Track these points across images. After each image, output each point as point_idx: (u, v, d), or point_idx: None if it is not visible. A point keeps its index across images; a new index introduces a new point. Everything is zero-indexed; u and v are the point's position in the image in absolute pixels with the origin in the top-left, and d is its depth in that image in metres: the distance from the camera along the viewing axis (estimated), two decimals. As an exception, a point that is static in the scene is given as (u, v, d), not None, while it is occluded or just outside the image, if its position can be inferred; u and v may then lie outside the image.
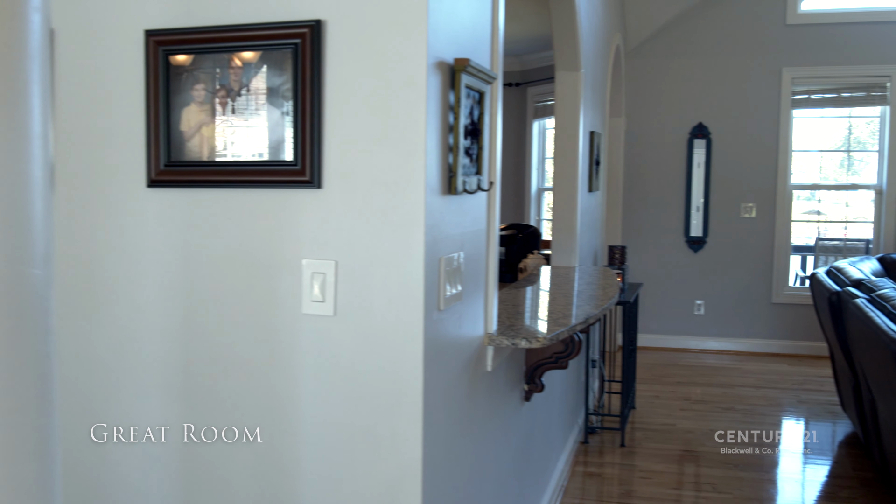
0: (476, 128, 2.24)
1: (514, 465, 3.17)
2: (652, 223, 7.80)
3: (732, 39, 7.56)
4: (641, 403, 5.93)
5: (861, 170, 7.73)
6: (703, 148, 7.64)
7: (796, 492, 4.54)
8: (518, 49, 8.78)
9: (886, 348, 3.28)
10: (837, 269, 5.01)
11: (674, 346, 7.79)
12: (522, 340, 2.52)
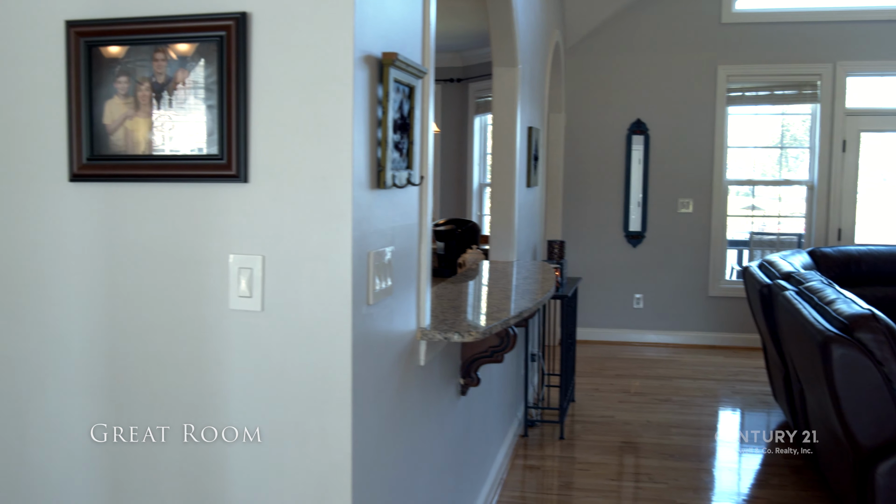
0: (406, 122, 2.24)
1: (450, 460, 3.18)
2: (592, 218, 7.89)
3: (669, 37, 7.68)
4: (581, 396, 5.99)
5: (796, 166, 7.91)
6: (642, 144, 7.75)
7: (731, 480, 4.63)
8: (459, 45, 8.80)
9: (812, 339, 3.37)
10: (769, 262, 5.12)
11: (614, 340, 7.89)
12: (455, 335, 2.53)
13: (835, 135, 7.51)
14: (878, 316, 3.27)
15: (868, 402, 3.18)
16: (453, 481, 3.25)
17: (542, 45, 5.80)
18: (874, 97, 7.61)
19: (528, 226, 5.23)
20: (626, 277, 7.88)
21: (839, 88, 7.48)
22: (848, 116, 7.52)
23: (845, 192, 7.56)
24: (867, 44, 7.43)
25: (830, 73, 7.48)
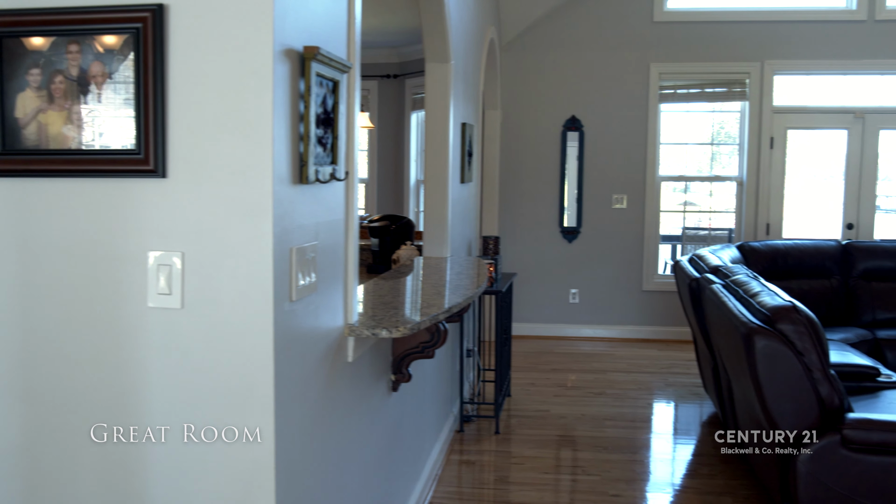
0: (330, 117, 2.22)
1: (382, 456, 3.17)
2: (528, 214, 7.94)
3: (603, 35, 7.77)
4: (517, 391, 6.03)
5: (727, 163, 8.07)
6: (577, 140, 7.83)
7: (662, 471, 4.72)
8: (395, 41, 8.77)
9: (736, 331, 3.45)
10: (698, 256, 5.22)
11: (550, 335, 7.96)
12: (383, 331, 2.52)
13: (763, 132, 7.69)
14: (799, 308, 3.36)
15: (789, 392, 3.26)
16: (385, 478, 3.25)
17: (476, 41, 5.82)
18: (800, 95, 7.81)
19: (462, 222, 5.24)
20: (562, 272, 7.95)
21: (767, 87, 7.65)
22: (775, 114, 7.70)
23: (773, 187, 7.75)
24: (793, 43, 7.62)
25: (758, 71, 7.65)
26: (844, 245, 6.51)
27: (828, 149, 7.88)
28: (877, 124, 7.65)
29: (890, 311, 6.18)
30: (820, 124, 7.82)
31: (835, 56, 7.61)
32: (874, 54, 7.56)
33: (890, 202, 8.89)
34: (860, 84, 7.73)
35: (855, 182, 7.70)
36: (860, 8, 7.53)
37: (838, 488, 3.24)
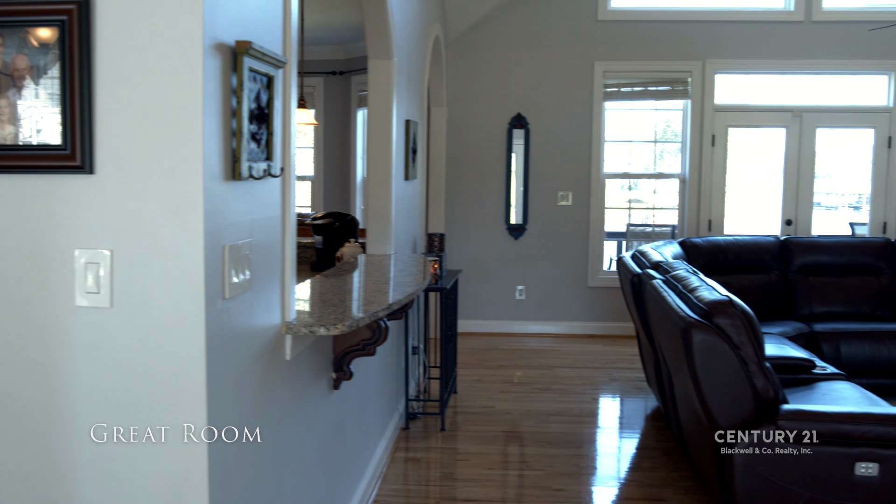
0: (264, 113, 2.19)
1: (323, 455, 3.15)
2: (474, 211, 7.96)
3: (548, 33, 7.82)
4: (463, 388, 6.04)
5: (670, 160, 8.18)
6: (522, 138, 7.87)
7: (606, 464, 4.76)
8: (341, 37, 8.73)
9: (675, 325, 3.50)
10: (641, 252, 5.29)
11: (497, 331, 7.99)
12: (321, 328, 2.50)
13: (705, 130, 7.82)
14: (735, 302, 3.42)
15: (726, 385, 3.32)
16: (327, 476, 3.23)
17: (420, 37, 5.81)
18: (741, 94, 7.96)
19: (406, 219, 5.23)
20: (509, 269, 7.99)
21: (708, 85, 7.78)
22: (717, 112, 7.83)
23: (715, 184, 7.88)
24: (734, 43, 7.76)
25: (700, 70, 7.77)
26: (783, 241, 6.65)
27: (767, 146, 8.04)
28: (814, 123, 7.82)
29: (826, 304, 6.33)
30: (760, 122, 7.98)
31: (774, 56, 7.76)
32: (811, 54, 7.73)
33: (831, 199, 9.11)
34: (798, 83, 7.91)
35: (793, 179, 7.87)
36: (798, 9, 7.70)
37: (774, 479, 3.30)
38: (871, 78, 7.88)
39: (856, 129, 7.93)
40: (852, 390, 4.16)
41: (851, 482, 3.28)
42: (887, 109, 7.77)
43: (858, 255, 6.55)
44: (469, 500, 4.13)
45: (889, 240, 6.66)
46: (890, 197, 7.82)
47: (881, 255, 6.52)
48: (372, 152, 4.58)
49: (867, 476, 3.27)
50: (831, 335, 5.84)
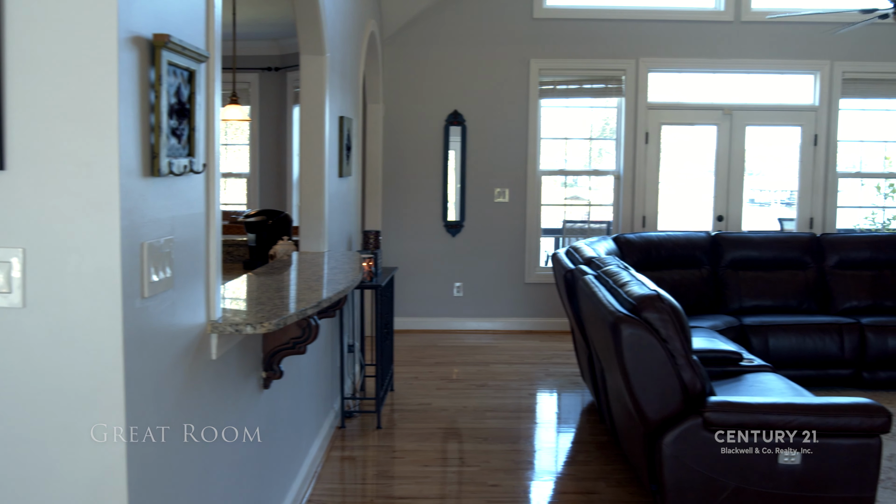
0: (185, 108, 2.15)
1: (253, 455, 3.11)
2: (412, 208, 7.95)
3: (484, 30, 7.85)
4: (400, 385, 6.03)
5: (606, 157, 8.27)
6: (459, 135, 7.88)
7: (540, 459, 4.79)
8: (276, 33, 8.62)
9: (605, 320, 3.54)
10: (574, 248, 5.34)
11: (434, 328, 8.00)
12: (248, 327, 2.47)
13: (638, 127, 7.93)
14: (663, 296, 3.48)
15: (654, 378, 3.37)
16: (258, 477, 3.19)
17: (354, 33, 5.78)
18: (673, 92, 8.09)
19: (340, 216, 5.20)
20: (446, 266, 8.00)
21: (642, 83, 7.89)
22: (650, 110, 7.95)
23: (649, 181, 8.00)
24: (666, 42, 7.89)
25: (633, 68, 7.88)
26: (713, 236, 6.78)
27: (699, 144, 8.19)
28: (744, 120, 8.00)
29: (755, 298, 6.48)
30: (691, 120, 8.12)
31: (705, 55, 7.91)
32: (741, 53, 7.90)
33: (764, 196, 9.34)
34: (728, 82, 8.07)
35: (724, 175, 8.04)
36: (727, 9, 7.86)
37: (700, 469, 3.37)
38: (798, 77, 8.08)
39: (784, 126, 8.13)
40: (778, 381, 4.27)
41: (775, 471, 3.36)
42: (813, 108, 7.99)
43: (786, 250, 6.72)
44: (405, 497, 4.12)
45: (814, 235, 6.85)
46: (816, 193, 8.04)
47: (807, 250, 6.70)
48: (304, 149, 4.54)
49: (790, 465, 3.36)
50: (760, 328, 5.98)
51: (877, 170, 8.38)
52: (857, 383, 6.02)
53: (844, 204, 8.31)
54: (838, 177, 8.08)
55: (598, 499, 4.12)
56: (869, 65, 7.92)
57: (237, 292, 3.17)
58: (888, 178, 8.47)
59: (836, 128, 7.98)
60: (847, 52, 7.88)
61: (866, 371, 6.00)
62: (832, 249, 6.71)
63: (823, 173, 8.02)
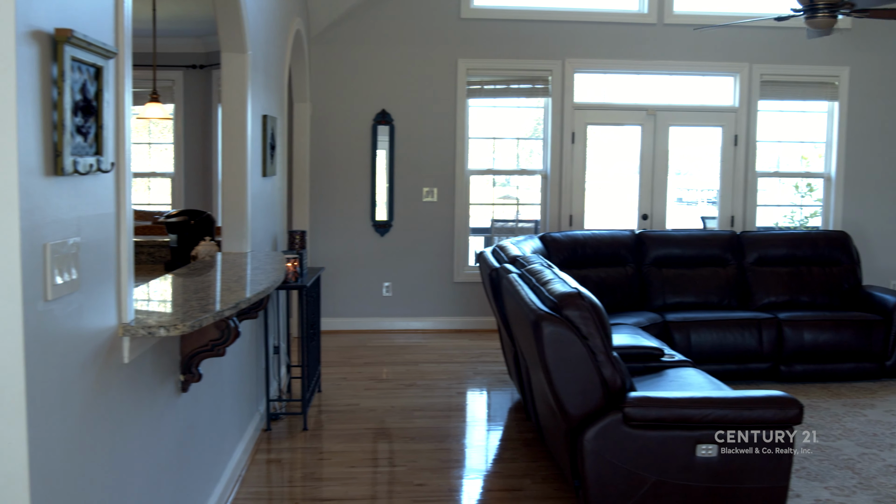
0: (92, 105, 2.09)
1: (172, 460, 3.05)
2: (340, 208, 7.90)
3: (412, 30, 7.84)
4: (328, 386, 5.99)
5: (533, 157, 8.34)
6: (387, 134, 7.86)
7: (467, 457, 4.80)
8: (200, 30, 8.47)
9: (527, 318, 3.57)
10: (500, 247, 5.37)
11: (363, 328, 7.96)
12: (161, 329, 2.42)
13: (565, 127, 8.02)
14: (584, 294, 3.52)
15: (575, 375, 3.41)
16: (177, 481, 3.12)
17: (279, 31, 5.71)
18: (598, 93, 8.21)
19: (265, 216, 5.13)
20: (375, 266, 7.98)
21: (568, 84, 7.99)
22: (576, 110, 8.05)
23: (575, 181, 8.10)
24: (591, 43, 7.99)
25: (560, 69, 7.97)
26: (638, 235, 6.90)
27: (625, 144, 8.33)
28: (667, 121, 8.16)
29: (678, 295, 6.61)
30: (617, 120, 8.25)
31: (629, 56, 8.05)
32: (664, 55, 8.05)
33: (692, 195, 9.54)
34: (652, 83, 8.23)
35: (649, 175, 8.19)
36: (651, 12, 8.01)
37: (621, 464, 3.42)
38: (719, 79, 8.28)
39: (706, 127, 8.33)
40: (698, 376, 4.36)
41: (693, 464, 3.44)
42: (733, 109, 8.19)
43: (707, 247, 6.87)
44: (332, 499, 4.09)
45: (735, 233, 7.03)
46: (737, 192, 8.24)
47: (728, 248, 6.87)
48: (226, 148, 4.47)
49: (707, 457, 3.44)
50: (682, 324, 6.11)
51: (794, 169, 8.64)
52: (775, 376, 6.19)
53: (765, 202, 8.55)
54: (758, 176, 8.31)
55: (523, 495, 4.15)
56: (785, 67, 8.16)
57: (154, 294, 3.10)
58: (805, 177, 8.74)
59: (755, 128, 8.20)
60: (764, 55, 8.10)
61: (783, 364, 6.18)
62: (751, 247, 6.89)
63: (743, 173, 8.23)
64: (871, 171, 8.35)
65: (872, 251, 8.26)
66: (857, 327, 6.23)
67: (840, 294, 6.76)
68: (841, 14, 5.45)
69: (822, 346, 6.17)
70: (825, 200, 8.49)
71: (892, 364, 6.24)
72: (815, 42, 7.77)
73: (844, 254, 6.92)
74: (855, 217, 8.34)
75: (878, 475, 4.36)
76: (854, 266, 6.89)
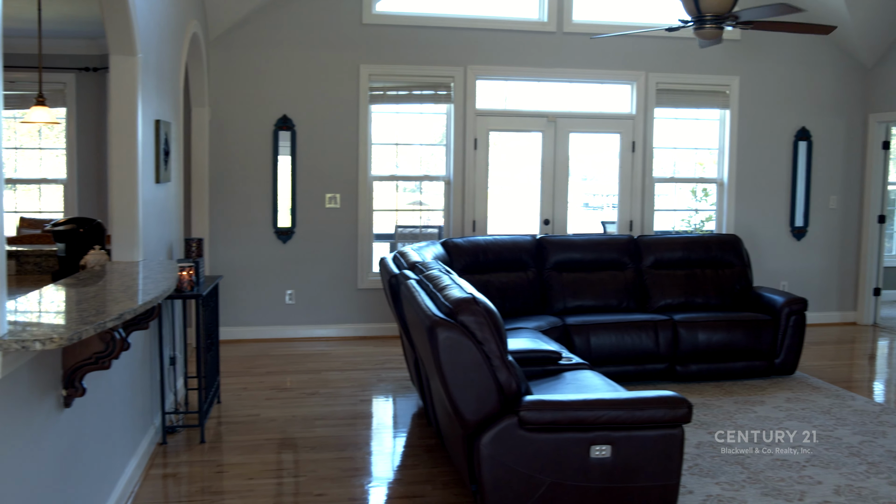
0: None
1: (55, 479, 2.93)
2: (241, 215, 7.76)
3: (313, 34, 7.77)
4: (228, 397, 5.87)
5: (437, 162, 8.36)
6: (289, 140, 7.77)
7: (369, 465, 4.77)
8: (93, 31, 8.21)
9: (422, 324, 3.57)
10: (401, 253, 5.36)
11: (266, 337, 7.84)
12: (37, 343, 2.31)
13: (467, 133, 8.08)
14: (479, 299, 3.54)
15: (470, 380, 3.42)
16: (61, 501, 3.00)
17: (174, 34, 5.57)
18: (500, 99, 8.30)
19: (158, 224, 4.99)
20: (278, 273, 7.86)
21: (470, 90, 8.05)
22: (478, 117, 8.12)
23: (478, 186, 8.17)
24: (493, 50, 8.08)
25: (462, 76, 8.02)
26: (538, 240, 6.99)
27: (526, 150, 8.44)
28: (567, 128, 8.31)
29: (578, 298, 6.73)
30: (518, 127, 8.36)
31: (530, 64, 8.16)
32: (564, 63, 8.20)
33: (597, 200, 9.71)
34: (553, 90, 8.37)
35: (550, 180, 8.32)
36: (551, 20, 8.14)
37: (518, 467, 3.45)
38: (617, 87, 8.49)
39: (605, 134, 8.52)
40: (594, 378, 4.44)
41: (587, 465, 3.50)
42: (630, 116, 8.40)
43: (606, 251, 7.02)
44: (228, 512, 4.00)
45: (632, 237, 7.20)
46: (635, 197, 8.45)
47: (626, 251, 7.03)
48: (115, 154, 4.33)
49: (601, 458, 3.50)
50: (582, 327, 6.21)
51: (690, 175, 8.91)
52: (671, 377, 6.36)
53: (663, 207, 8.80)
54: (655, 181, 8.54)
55: (424, 502, 4.14)
56: (679, 76, 8.42)
57: (35, 305, 2.98)
58: (699, 182, 9.03)
59: (652, 135, 8.43)
60: (660, 64, 8.34)
61: (679, 364, 6.36)
62: (648, 251, 7.07)
63: (641, 178, 8.45)
64: (761, 176, 8.69)
65: (763, 254, 8.60)
66: (747, 327, 6.45)
67: (732, 295, 7.00)
68: (727, 26, 5.65)
69: (715, 346, 6.38)
70: (718, 205, 8.79)
71: (781, 362, 6.49)
72: (707, 52, 8.05)
73: (736, 256, 7.17)
74: (746, 221, 8.66)
75: (766, 469, 4.52)
76: (745, 268, 7.15)
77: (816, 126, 8.76)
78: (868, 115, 8.82)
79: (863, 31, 8.28)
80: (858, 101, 8.84)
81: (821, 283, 8.93)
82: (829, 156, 8.83)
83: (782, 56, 8.54)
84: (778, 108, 8.67)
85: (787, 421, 5.39)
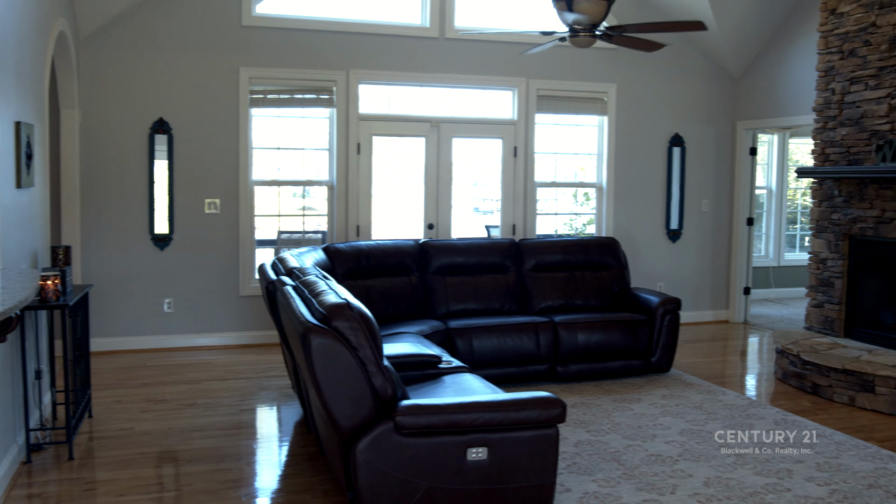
0: None
1: None
2: (116, 221, 7.48)
3: (190, 36, 7.57)
4: (101, 410, 5.64)
5: (319, 167, 8.26)
6: (166, 144, 7.54)
7: (248, 475, 4.65)
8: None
9: (296, 331, 3.51)
10: (280, 259, 5.28)
11: (143, 347, 7.58)
12: None
13: (350, 138, 8.03)
14: (353, 305, 3.52)
15: (345, 386, 3.39)
16: None
17: (37, 32, 5.32)
18: (383, 104, 8.30)
19: (20, 231, 4.75)
20: (155, 281, 7.61)
21: (352, 95, 8.00)
22: (361, 121, 8.08)
23: (361, 191, 8.13)
24: (376, 55, 8.06)
25: (344, 80, 7.97)
26: (421, 244, 7.01)
27: (410, 155, 8.46)
28: (450, 133, 8.37)
29: (461, 302, 6.78)
30: (402, 132, 8.37)
31: (413, 69, 8.19)
32: (446, 69, 8.26)
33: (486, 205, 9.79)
34: (436, 96, 8.42)
35: (433, 185, 8.36)
36: (433, 26, 8.19)
37: (394, 472, 3.44)
38: (499, 93, 8.61)
39: (487, 139, 8.62)
40: (474, 381, 4.48)
41: (464, 467, 3.52)
42: (512, 122, 8.54)
43: (488, 255, 7.10)
44: (96, 531, 3.84)
45: (514, 240, 7.31)
46: (517, 201, 8.59)
47: (507, 255, 7.13)
48: (-30, 158, 4.11)
49: (478, 460, 3.53)
50: (464, 331, 6.26)
51: (571, 179, 9.12)
52: (552, 377, 6.48)
53: (546, 211, 8.97)
54: (537, 186, 8.70)
55: (302, 511, 4.09)
56: (559, 83, 8.62)
57: None
58: (580, 187, 9.25)
59: (534, 140, 8.59)
60: (541, 70, 8.51)
61: (560, 365, 6.49)
62: (529, 254, 7.19)
63: (523, 182, 8.59)
64: (638, 181, 8.98)
65: (640, 256, 8.89)
66: (624, 327, 6.64)
67: (611, 297, 7.19)
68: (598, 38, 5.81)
69: (594, 346, 6.53)
70: (598, 209, 9.03)
71: (657, 360, 6.71)
72: (586, 60, 8.27)
73: (614, 258, 7.38)
74: (625, 224, 8.92)
75: (641, 465, 4.66)
76: (622, 270, 7.36)
77: (689, 133, 9.12)
78: (736, 123, 9.24)
79: (731, 43, 8.67)
80: (727, 109, 9.25)
81: (695, 283, 9.29)
82: (701, 161, 9.20)
83: (656, 65, 8.84)
84: (653, 115, 8.98)
85: (662, 417, 5.57)
